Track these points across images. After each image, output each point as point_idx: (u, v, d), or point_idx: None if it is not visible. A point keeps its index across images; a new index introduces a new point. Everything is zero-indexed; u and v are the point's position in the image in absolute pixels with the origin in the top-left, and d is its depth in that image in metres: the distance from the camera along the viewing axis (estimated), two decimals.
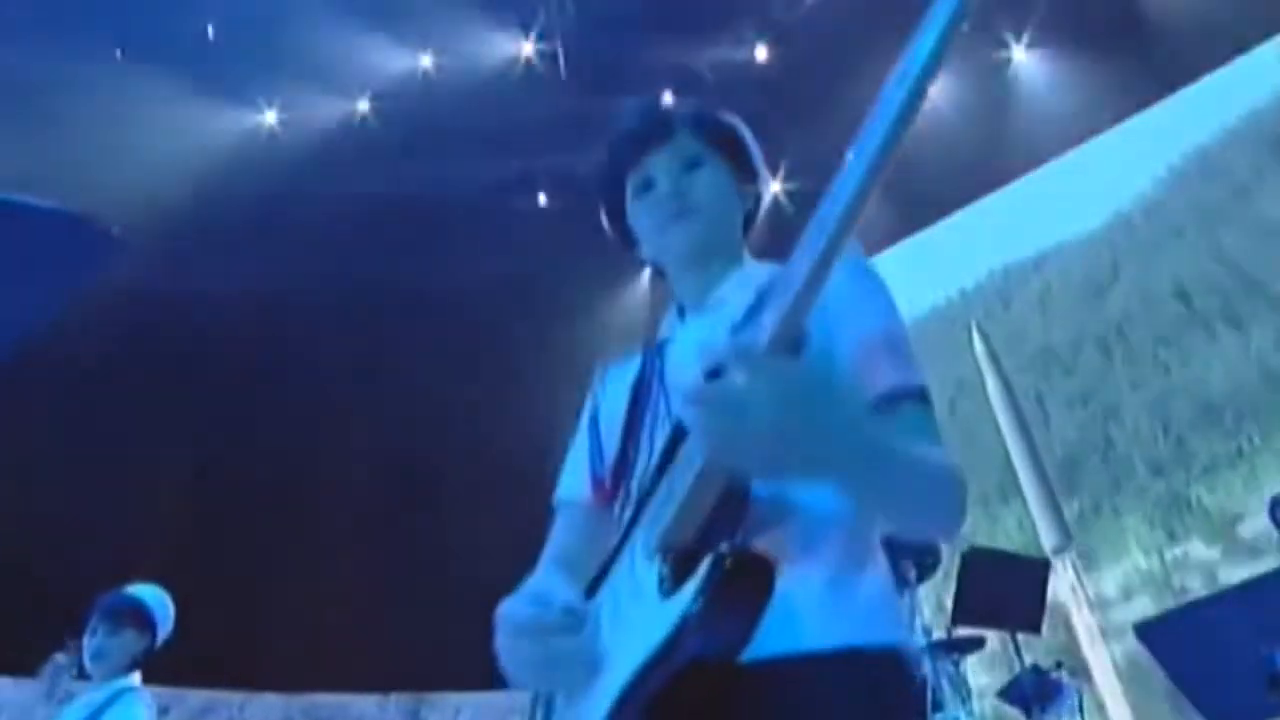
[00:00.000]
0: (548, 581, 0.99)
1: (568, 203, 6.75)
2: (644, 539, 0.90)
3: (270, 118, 6.73)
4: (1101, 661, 4.81)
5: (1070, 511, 5.39)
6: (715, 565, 0.78)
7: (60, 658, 2.87)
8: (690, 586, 0.78)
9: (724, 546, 0.79)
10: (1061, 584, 5.12)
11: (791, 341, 0.72)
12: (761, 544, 0.84)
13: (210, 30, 6.27)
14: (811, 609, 0.86)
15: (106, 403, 6.32)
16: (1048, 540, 5.40)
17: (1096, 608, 5.08)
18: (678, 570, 0.82)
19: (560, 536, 1.17)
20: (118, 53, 6.08)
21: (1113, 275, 5.81)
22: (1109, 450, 5.34)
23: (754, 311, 0.88)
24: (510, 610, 0.96)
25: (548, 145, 6.36)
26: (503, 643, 0.96)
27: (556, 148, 6.17)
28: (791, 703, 0.84)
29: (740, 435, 0.72)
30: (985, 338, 6.20)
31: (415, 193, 6.61)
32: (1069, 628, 5.05)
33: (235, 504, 6.56)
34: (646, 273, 7.73)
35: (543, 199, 7.18)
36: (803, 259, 0.70)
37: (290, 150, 6.65)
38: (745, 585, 0.78)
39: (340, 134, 6.79)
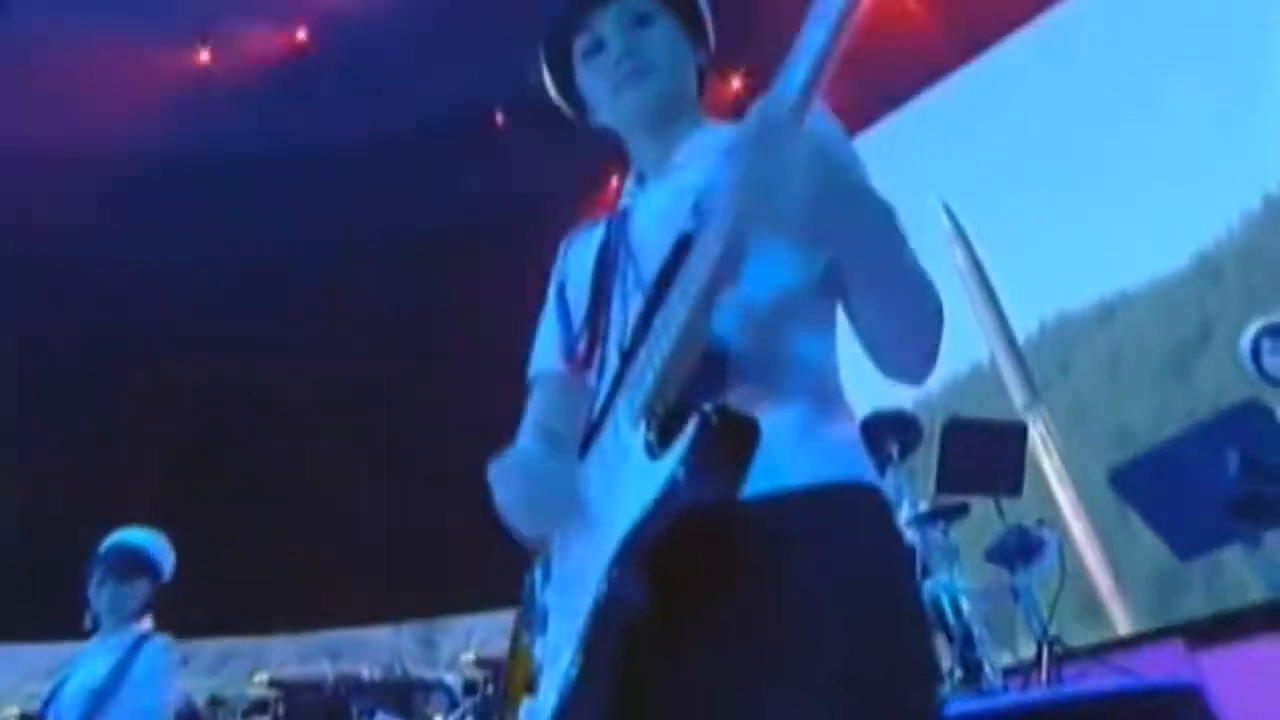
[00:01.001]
0: (526, 440, 1.06)
1: (527, 117, 6.58)
2: (627, 403, 0.93)
3: (204, 55, 6.44)
4: (1071, 500, 4.87)
5: None
6: (700, 425, 0.80)
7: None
8: (677, 447, 0.81)
9: (707, 407, 0.82)
10: (1033, 436, 4.82)
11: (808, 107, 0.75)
12: (735, 394, 0.88)
13: None
14: (786, 448, 0.88)
15: (78, 358, 6.25)
16: (1017, 398, 5.24)
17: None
18: (664, 432, 0.85)
19: (538, 410, 1.19)
20: None
21: (1202, 336, 4.48)
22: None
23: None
24: (498, 461, 1.02)
25: (499, 58, 6.16)
26: (496, 491, 1.02)
27: (508, 59, 5.98)
28: (777, 537, 0.87)
29: (781, 181, 0.75)
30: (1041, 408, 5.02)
31: (365, 122, 6.42)
32: (1040, 472, 4.89)
33: (228, 449, 6.59)
34: (616, 177, 7.61)
35: (499, 118, 7.00)
36: (818, 27, 0.72)
37: (228, 88, 6.39)
38: (729, 442, 0.81)
39: (279, 66, 6.53)
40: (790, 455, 0.89)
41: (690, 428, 0.81)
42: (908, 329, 0.93)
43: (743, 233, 0.79)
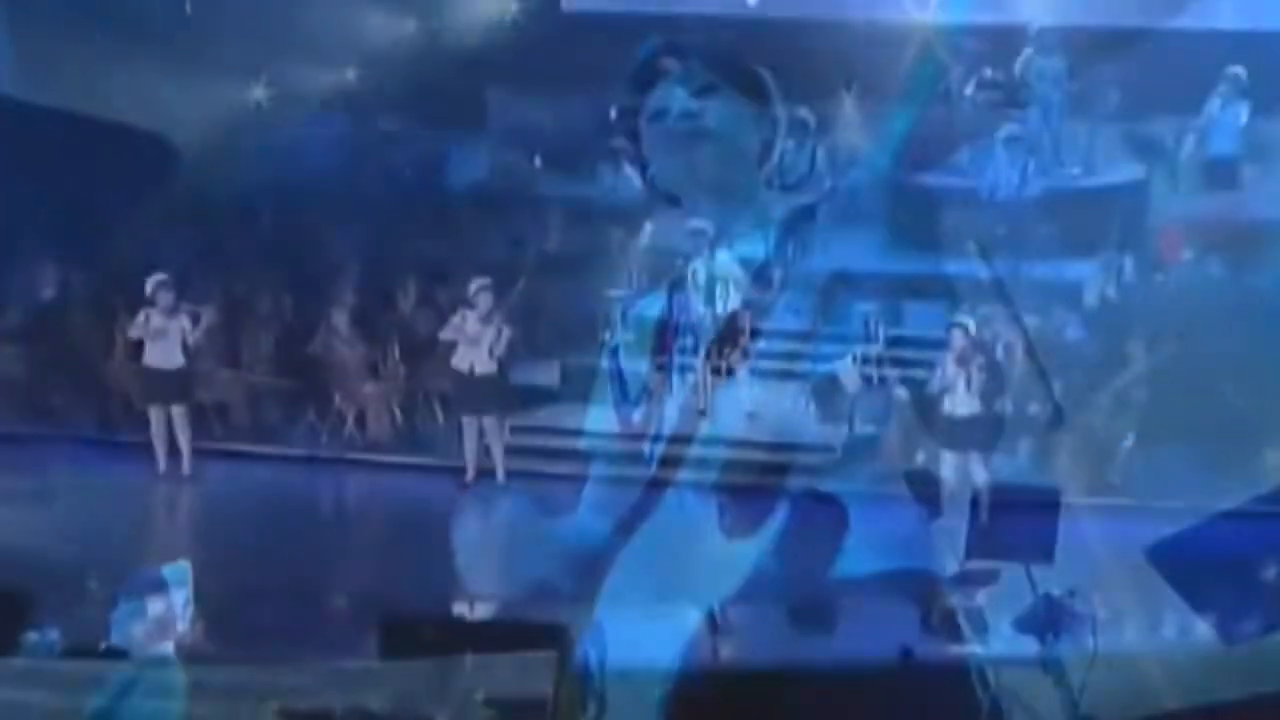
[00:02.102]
0: None
1: (563, 160, 6.69)
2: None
3: (258, 91, 6.67)
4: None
5: None
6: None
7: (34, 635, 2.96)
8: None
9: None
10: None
11: None
12: None
13: (188, 6, 6.22)
14: None
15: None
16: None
17: None
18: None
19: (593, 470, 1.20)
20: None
21: None
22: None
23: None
24: None
25: (541, 103, 6.29)
26: None
27: (549, 105, 6.10)
28: None
29: None
30: None
31: (408, 162, 6.59)
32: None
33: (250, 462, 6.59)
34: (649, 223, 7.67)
35: (538, 160, 7.13)
36: None
37: (281, 123, 6.60)
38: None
39: (331, 104, 6.75)
40: None
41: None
42: None
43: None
